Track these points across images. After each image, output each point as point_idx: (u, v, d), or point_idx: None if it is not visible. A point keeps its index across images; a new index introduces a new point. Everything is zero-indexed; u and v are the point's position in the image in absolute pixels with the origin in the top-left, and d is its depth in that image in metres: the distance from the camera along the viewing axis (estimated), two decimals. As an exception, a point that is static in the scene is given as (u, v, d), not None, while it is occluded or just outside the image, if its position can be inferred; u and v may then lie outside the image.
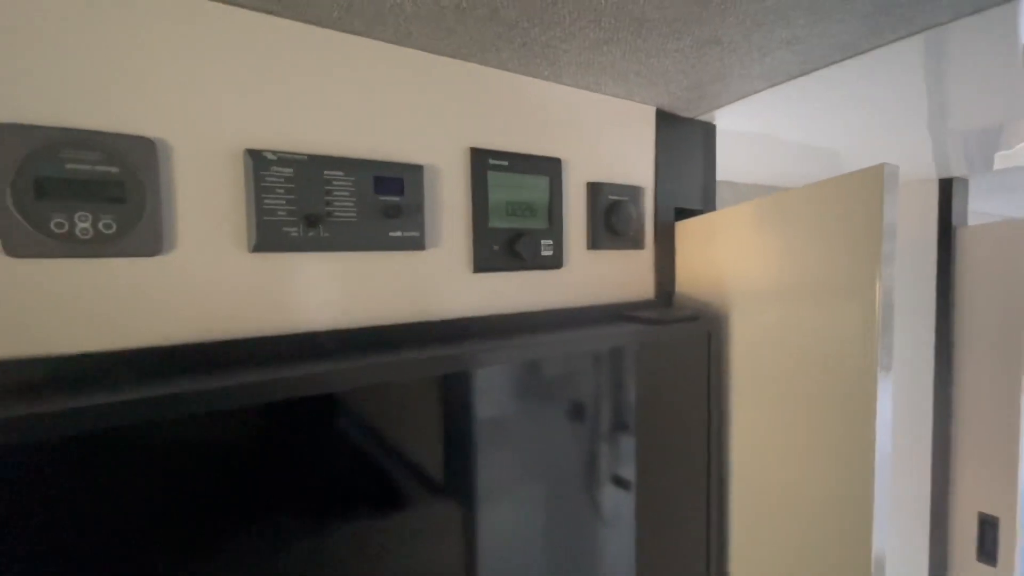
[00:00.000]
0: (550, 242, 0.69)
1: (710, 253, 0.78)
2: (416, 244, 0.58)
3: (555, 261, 0.69)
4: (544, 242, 0.68)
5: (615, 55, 0.60)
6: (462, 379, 0.54)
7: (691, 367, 0.73)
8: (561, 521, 0.62)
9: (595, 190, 0.73)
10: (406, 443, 0.50)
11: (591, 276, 0.75)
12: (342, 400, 0.46)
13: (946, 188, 1.33)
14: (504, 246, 0.65)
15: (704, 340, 0.74)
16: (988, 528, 1.24)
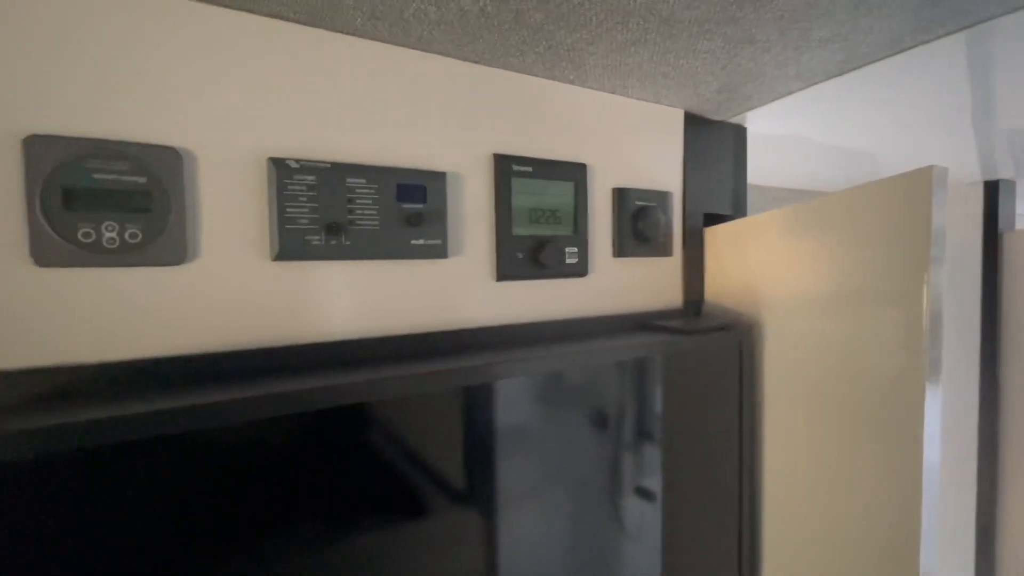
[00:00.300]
0: (575, 249, 0.67)
1: (741, 260, 0.75)
2: (439, 252, 0.57)
3: (580, 269, 0.68)
4: (569, 249, 0.66)
5: (643, 57, 0.59)
6: (485, 389, 0.53)
7: (721, 379, 0.70)
8: (584, 532, 0.61)
9: (621, 196, 0.71)
10: (429, 452, 0.50)
11: (617, 284, 0.73)
12: (366, 409, 0.46)
13: (992, 191, 1.26)
14: (528, 254, 0.63)
15: (735, 351, 0.71)
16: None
